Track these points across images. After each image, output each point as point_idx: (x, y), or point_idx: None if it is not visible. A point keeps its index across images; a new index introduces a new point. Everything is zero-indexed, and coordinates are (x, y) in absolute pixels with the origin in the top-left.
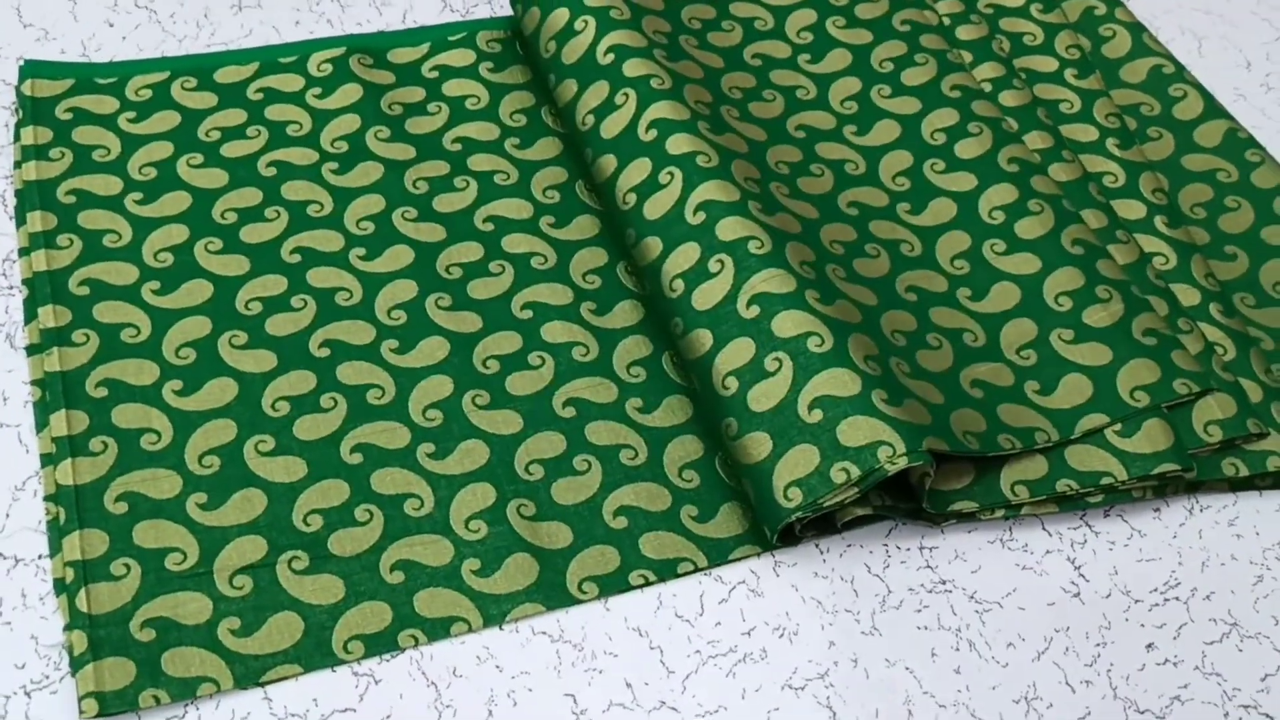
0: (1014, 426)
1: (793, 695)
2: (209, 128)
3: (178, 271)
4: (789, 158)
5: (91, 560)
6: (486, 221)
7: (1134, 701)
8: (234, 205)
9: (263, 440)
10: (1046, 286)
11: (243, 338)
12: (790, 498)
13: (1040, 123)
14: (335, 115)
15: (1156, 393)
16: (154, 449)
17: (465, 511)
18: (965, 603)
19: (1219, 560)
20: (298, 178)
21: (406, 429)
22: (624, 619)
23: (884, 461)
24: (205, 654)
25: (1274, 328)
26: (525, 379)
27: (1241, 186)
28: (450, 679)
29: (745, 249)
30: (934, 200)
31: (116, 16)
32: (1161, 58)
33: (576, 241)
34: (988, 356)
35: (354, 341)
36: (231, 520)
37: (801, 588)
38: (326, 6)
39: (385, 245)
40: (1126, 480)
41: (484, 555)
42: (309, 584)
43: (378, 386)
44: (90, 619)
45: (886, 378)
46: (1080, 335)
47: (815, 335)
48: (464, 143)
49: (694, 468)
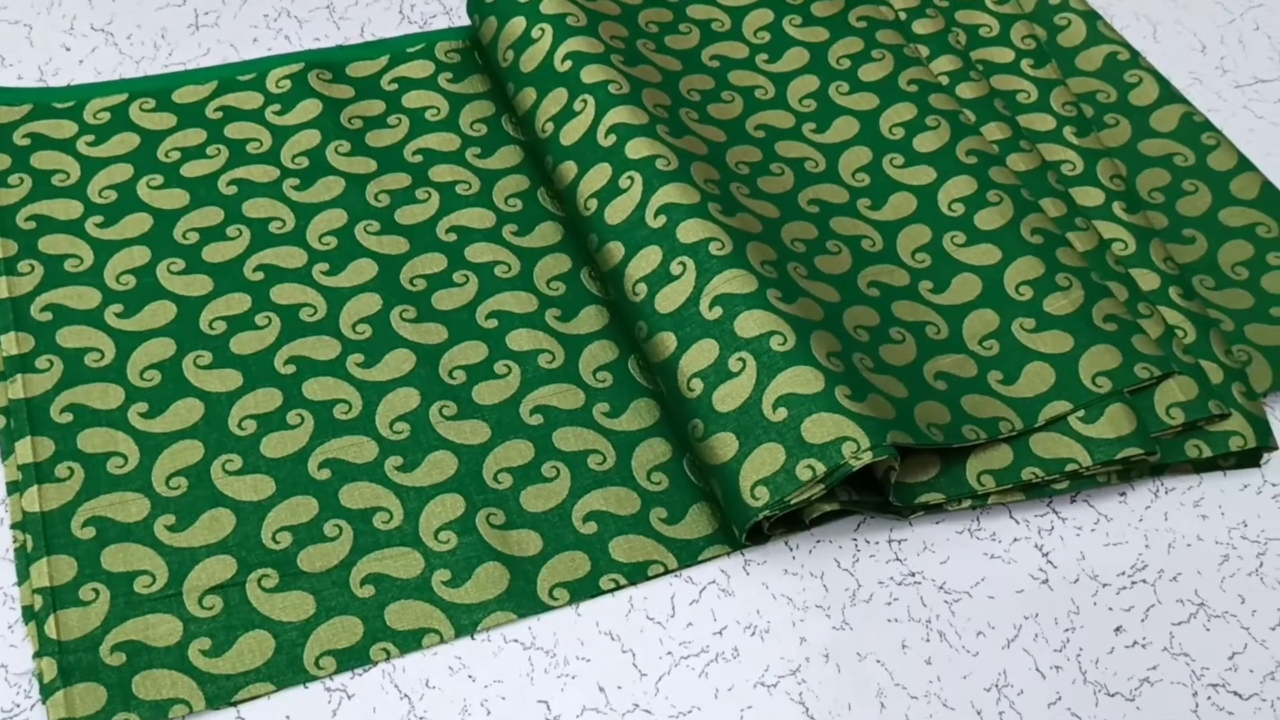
0: (978, 417)
1: (765, 693)
2: (169, 148)
3: (140, 294)
4: (749, 158)
5: (60, 586)
6: (449, 232)
7: (1104, 685)
8: (195, 225)
9: (230, 459)
10: (1007, 276)
11: (207, 358)
12: (757, 497)
13: (998, 114)
14: (295, 131)
15: (1118, 378)
16: (121, 472)
17: (435, 523)
18: (935, 594)
19: (1185, 541)
20: (259, 195)
21: (374, 443)
22: (595, 623)
23: (848, 457)
24: (177, 675)
25: (1234, 309)
26: (492, 388)
27: (1198, 170)
28: (423, 690)
29: (706, 250)
30: (894, 195)
31: (73, 40)
32: (1117, 44)
33: (540, 249)
34: (950, 349)
35: (319, 357)
36: (200, 541)
37: (772, 585)
38: (284, 23)
39: (348, 260)
40: (1091, 466)
41: (454, 566)
42: (279, 601)
43: (344, 401)
44: (60, 645)
45: (850, 374)
46: (1041, 324)
47: (778, 334)
48: (425, 154)
49: (663, 470)
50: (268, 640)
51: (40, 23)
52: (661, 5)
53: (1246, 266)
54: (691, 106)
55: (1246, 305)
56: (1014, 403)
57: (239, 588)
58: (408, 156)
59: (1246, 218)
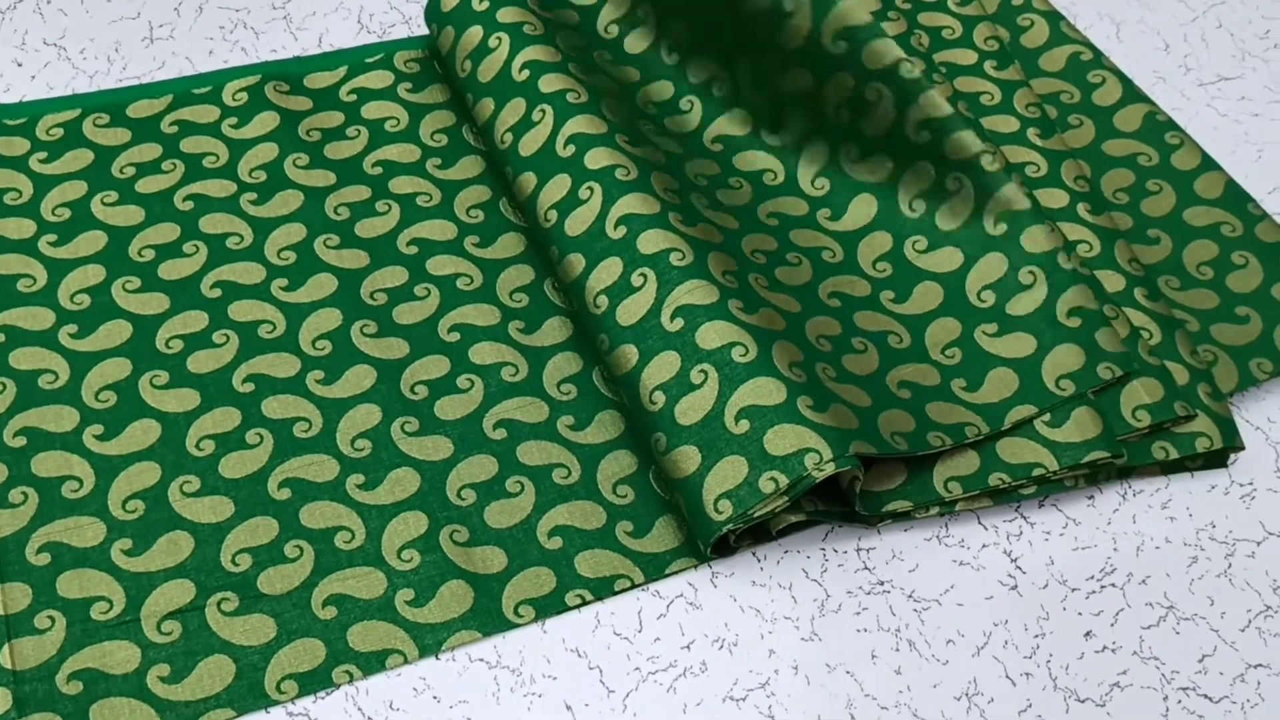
0: (943, 424)
1: (734, 707)
2: (123, 164)
3: (96, 313)
4: (707, 171)
5: (14, 615)
6: (410, 244)
7: (1074, 691)
8: (151, 242)
9: (188, 481)
10: (969, 282)
11: (164, 377)
12: (720, 510)
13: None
14: (252, 145)
15: (1081, 380)
16: (76, 496)
17: (397, 541)
18: (904, 602)
19: (1153, 544)
20: (216, 210)
21: (335, 461)
22: (562, 640)
23: (810, 469)
24: (135, 703)
25: (1200, 309)
26: (455, 403)
27: (1162, 169)
28: (387, 713)
29: (667, 261)
30: (853, 201)
31: (25, 55)
32: (1080, 45)
33: (502, 260)
34: (913, 357)
35: (279, 375)
36: (158, 565)
37: (740, 597)
38: (240, 34)
39: (307, 275)
40: (1058, 470)
41: (417, 585)
42: (239, 625)
43: (304, 419)
44: (14, 675)
45: (812, 384)
46: (1004, 327)
47: (739, 345)
48: (385, 165)
49: (628, 483)
50: (228, 665)
51: None
52: None
53: (1211, 266)
54: (648, 118)
55: (1212, 305)
56: (979, 408)
57: (198, 612)
58: (367, 168)
59: (1211, 217)
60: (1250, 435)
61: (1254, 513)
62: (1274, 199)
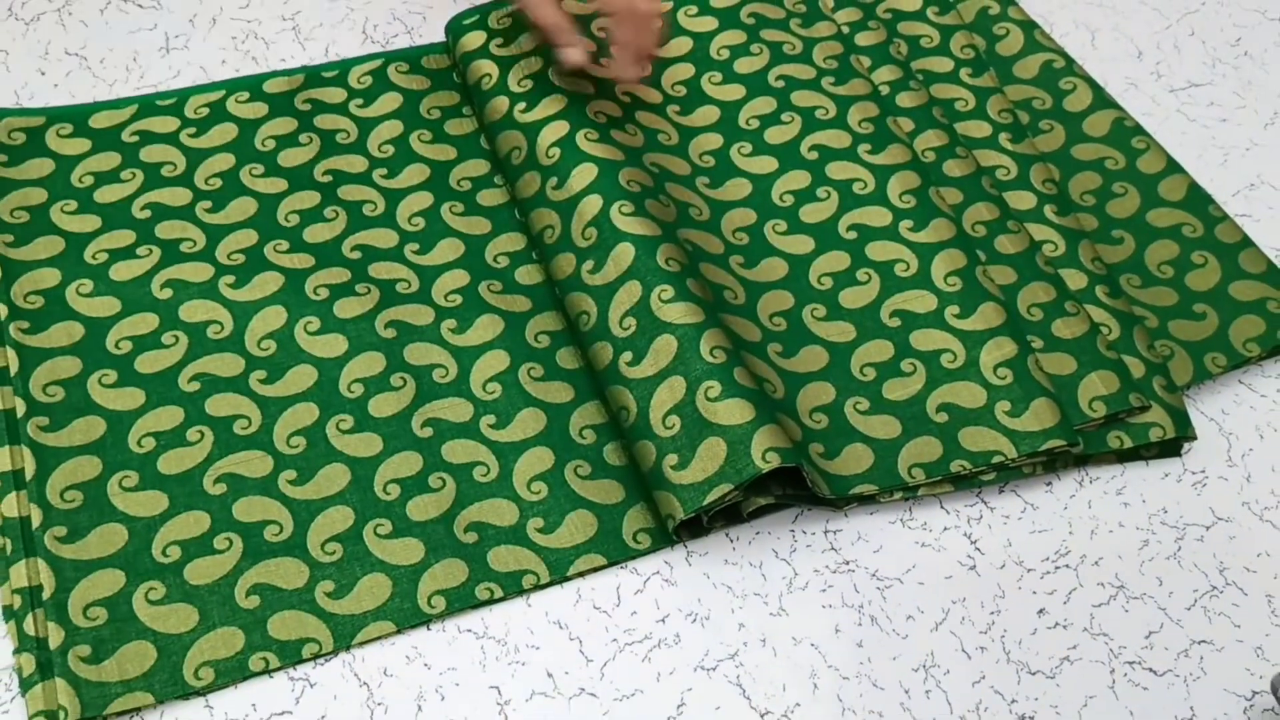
0: (925, 461)
1: (705, 676)
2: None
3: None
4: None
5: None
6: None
7: (1026, 664)
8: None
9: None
10: (855, 357)
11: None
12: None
13: (936, 121)
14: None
15: (932, 469)
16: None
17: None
18: (867, 581)
19: (1107, 528)
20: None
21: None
22: (545, 613)
23: (759, 461)
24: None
25: (1159, 306)
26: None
27: (1128, 173)
28: (381, 679)
29: (660, 270)
30: (765, 259)
31: (48, 65)
32: (1053, 53)
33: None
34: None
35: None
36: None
37: (713, 575)
38: (251, 45)
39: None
40: (1017, 458)
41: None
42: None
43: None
44: (38, 642)
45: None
46: (874, 407)
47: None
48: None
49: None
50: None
51: (16, 48)
52: None
53: (1172, 265)
54: (593, 127)
55: (1171, 302)
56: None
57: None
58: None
59: (1173, 218)
60: (1204, 426)
61: (1204, 499)
62: (1238, 201)
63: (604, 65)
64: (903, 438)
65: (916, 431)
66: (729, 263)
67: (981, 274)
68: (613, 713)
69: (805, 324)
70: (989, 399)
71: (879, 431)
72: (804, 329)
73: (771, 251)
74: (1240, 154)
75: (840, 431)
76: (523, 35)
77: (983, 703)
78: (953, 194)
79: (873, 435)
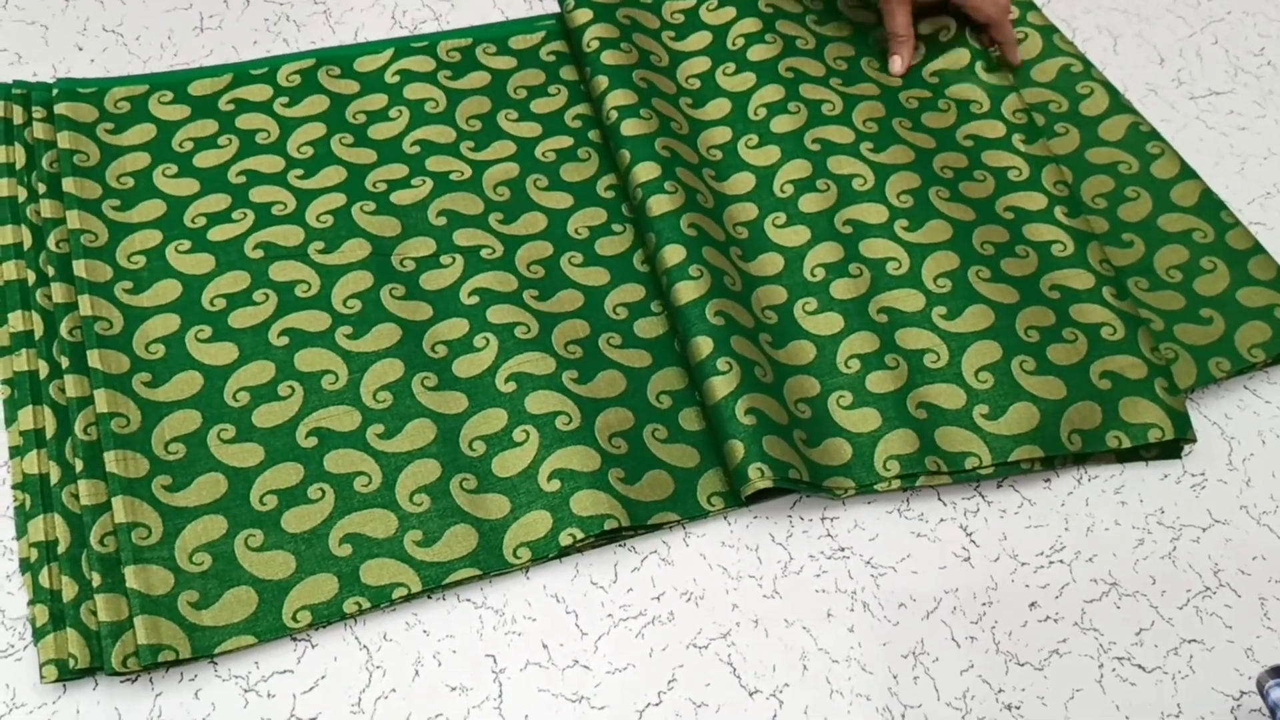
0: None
1: (696, 653)
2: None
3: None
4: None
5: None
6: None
7: (1015, 655)
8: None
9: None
10: (841, 348)
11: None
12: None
13: (959, 145)
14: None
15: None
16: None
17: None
18: (862, 568)
19: (1103, 525)
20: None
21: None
22: (543, 586)
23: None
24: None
25: (1165, 309)
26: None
27: (1141, 177)
28: (381, 643)
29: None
30: (763, 254)
31: (85, 40)
32: (1071, 57)
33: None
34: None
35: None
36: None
37: (709, 556)
38: (283, 26)
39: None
40: (988, 464)
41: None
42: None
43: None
44: (51, 594)
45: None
46: (859, 398)
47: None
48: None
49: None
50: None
51: (56, 23)
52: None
53: (1181, 270)
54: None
55: (1178, 306)
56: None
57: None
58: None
59: (1184, 223)
60: (1207, 430)
61: (1202, 501)
62: (1254, 209)
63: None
64: (881, 429)
65: (895, 425)
66: (729, 252)
67: (975, 277)
68: (605, 685)
69: (796, 319)
70: (968, 401)
71: (859, 426)
72: (794, 323)
73: (769, 246)
74: (1258, 162)
75: (822, 423)
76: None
77: (970, 691)
78: (965, 211)
79: (853, 430)
